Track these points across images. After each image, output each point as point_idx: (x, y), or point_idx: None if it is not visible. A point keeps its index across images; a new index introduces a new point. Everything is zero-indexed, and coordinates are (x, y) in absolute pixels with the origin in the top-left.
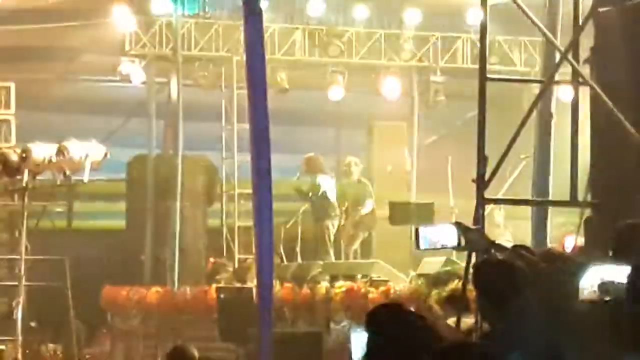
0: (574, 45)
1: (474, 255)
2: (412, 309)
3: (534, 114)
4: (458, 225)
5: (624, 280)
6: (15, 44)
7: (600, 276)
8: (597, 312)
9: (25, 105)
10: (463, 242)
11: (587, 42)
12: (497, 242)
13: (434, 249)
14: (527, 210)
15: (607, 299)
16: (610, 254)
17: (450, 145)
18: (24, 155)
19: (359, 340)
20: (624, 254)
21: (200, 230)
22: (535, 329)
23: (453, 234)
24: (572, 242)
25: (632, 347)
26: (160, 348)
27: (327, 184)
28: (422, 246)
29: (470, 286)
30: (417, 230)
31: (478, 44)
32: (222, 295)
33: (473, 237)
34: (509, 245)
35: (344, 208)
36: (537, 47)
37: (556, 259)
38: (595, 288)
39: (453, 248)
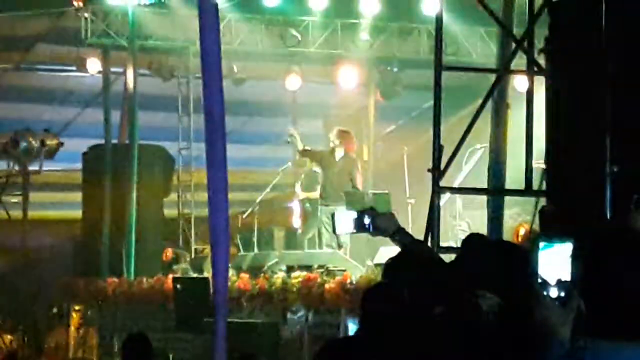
0: (528, 35)
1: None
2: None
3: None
4: (369, 211)
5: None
6: None
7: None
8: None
9: None
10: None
11: (542, 32)
12: (402, 227)
13: (349, 233)
14: (484, 199)
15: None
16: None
17: (407, 135)
18: None
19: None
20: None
21: (157, 221)
22: None
23: (365, 220)
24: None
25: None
26: (117, 338)
27: None
28: (337, 231)
29: None
30: (333, 215)
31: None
32: (178, 285)
33: (381, 223)
34: (464, 235)
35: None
36: (494, 38)
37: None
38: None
39: (367, 233)
